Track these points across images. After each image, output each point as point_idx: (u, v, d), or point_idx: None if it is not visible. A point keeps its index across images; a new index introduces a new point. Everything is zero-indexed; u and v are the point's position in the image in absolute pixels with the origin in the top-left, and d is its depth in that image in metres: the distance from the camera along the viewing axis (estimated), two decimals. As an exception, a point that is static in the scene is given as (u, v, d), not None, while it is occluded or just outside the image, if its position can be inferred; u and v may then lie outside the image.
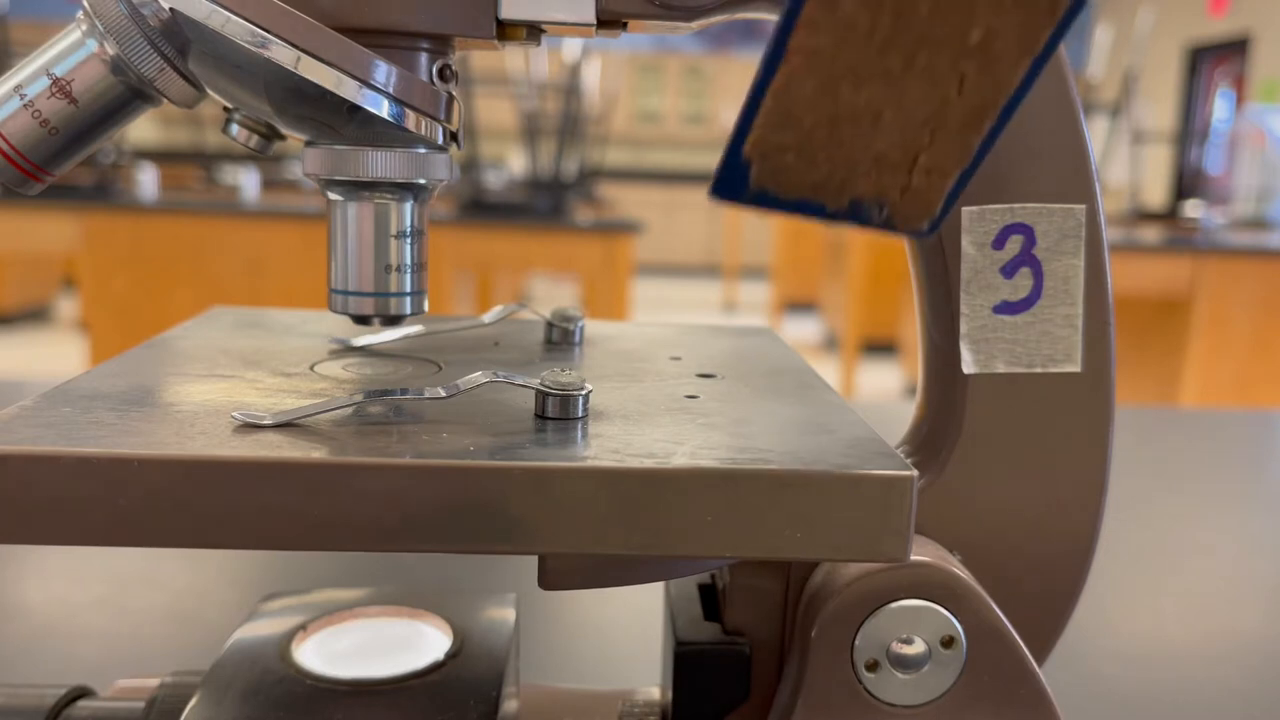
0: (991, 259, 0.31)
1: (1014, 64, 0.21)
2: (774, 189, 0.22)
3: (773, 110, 0.21)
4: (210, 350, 0.34)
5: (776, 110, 0.21)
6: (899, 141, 0.22)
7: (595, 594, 0.55)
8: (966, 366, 0.32)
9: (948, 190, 0.22)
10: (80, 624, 0.52)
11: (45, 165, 0.28)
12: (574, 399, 0.27)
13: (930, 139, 0.22)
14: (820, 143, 0.22)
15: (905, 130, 0.21)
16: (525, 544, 0.24)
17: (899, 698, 0.28)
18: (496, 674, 0.32)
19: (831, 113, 0.21)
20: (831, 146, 0.22)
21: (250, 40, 0.25)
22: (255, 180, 2.67)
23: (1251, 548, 0.71)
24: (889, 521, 0.24)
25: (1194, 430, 1.06)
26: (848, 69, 0.21)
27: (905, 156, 0.22)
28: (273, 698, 0.30)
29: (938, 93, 0.21)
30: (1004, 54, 0.20)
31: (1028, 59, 0.21)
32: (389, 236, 0.30)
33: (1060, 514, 0.32)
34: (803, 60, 0.20)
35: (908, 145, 0.22)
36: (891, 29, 0.20)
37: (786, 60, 0.20)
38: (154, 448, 0.23)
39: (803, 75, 0.21)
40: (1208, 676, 0.51)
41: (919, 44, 0.20)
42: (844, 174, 0.22)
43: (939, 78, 0.21)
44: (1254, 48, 5.46)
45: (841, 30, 0.20)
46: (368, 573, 0.59)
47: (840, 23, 0.20)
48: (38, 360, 3.64)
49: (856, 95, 0.21)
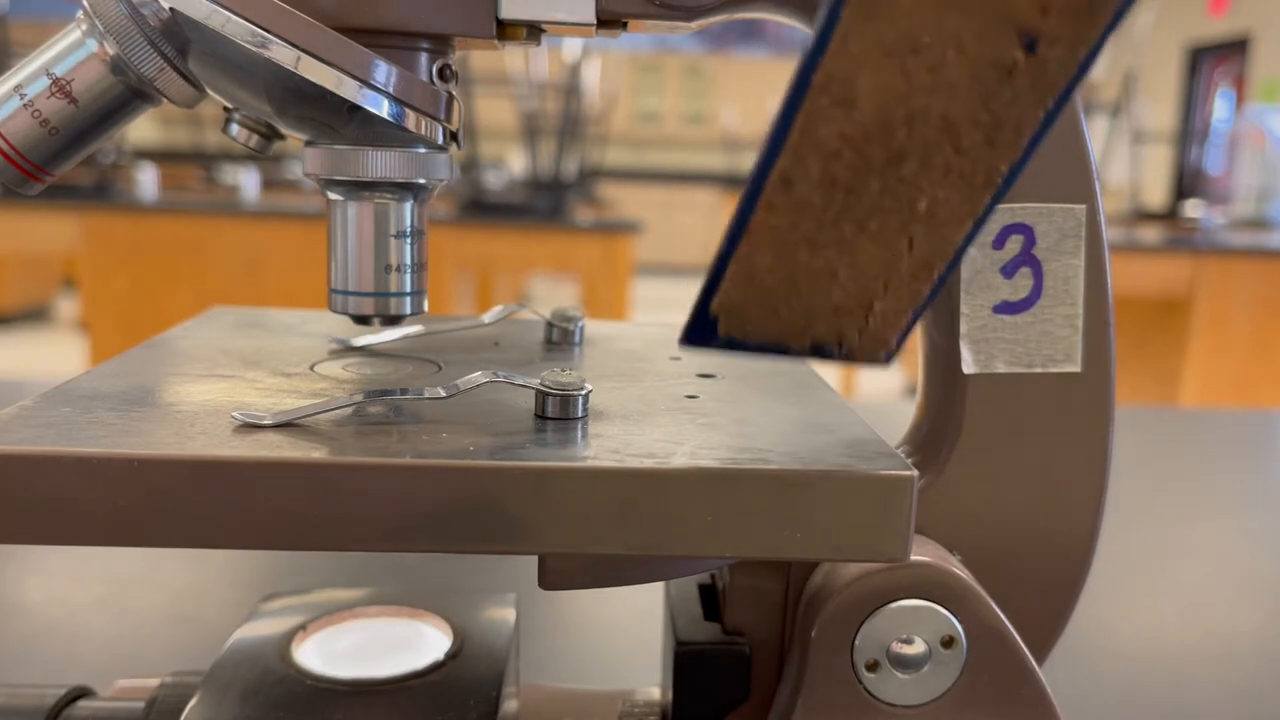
0: (991, 259, 0.31)
1: (959, 225, 0.22)
2: (740, 337, 0.24)
3: (736, 274, 0.23)
4: (210, 350, 0.34)
5: (739, 274, 0.23)
6: (854, 293, 0.23)
7: (595, 594, 0.55)
8: (966, 366, 0.32)
9: (903, 327, 0.24)
10: (80, 624, 0.52)
11: (45, 165, 0.28)
12: (574, 399, 0.27)
13: (884, 289, 0.23)
14: (781, 298, 0.23)
15: (859, 283, 0.23)
16: (525, 544, 0.24)
17: (899, 698, 0.28)
18: (496, 674, 0.32)
19: (790, 274, 0.23)
20: (791, 300, 0.23)
21: (250, 40, 0.25)
22: (255, 180, 2.67)
23: (1251, 548, 0.71)
24: (889, 521, 0.24)
25: (1194, 430, 1.06)
26: (804, 239, 0.22)
27: (861, 304, 0.24)
28: (273, 698, 0.30)
29: (889, 252, 0.23)
30: (949, 218, 0.22)
31: (970, 221, 0.22)
32: (389, 236, 0.30)
33: (1060, 514, 0.32)
34: (763, 235, 0.22)
35: (862, 295, 0.23)
36: (844, 204, 0.22)
37: (748, 235, 0.22)
38: (154, 448, 0.23)
39: (762, 247, 0.22)
40: (1208, 676, 0.51)
41: (869, 214, 0.22)
42: (804, 321, 0.24)
43: (889, 240, 0.22)
44: (1254, 48, 5.46)
45: (798, 209, 0.22)
46: (368, 573, 0.59)
47: (796, 203, 0.22)
48: (38, 360, 3.64)
49: (813, 259, 0.23)
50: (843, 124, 0.21)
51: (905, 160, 0.21)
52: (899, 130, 0.21)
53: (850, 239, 0.22)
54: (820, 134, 0.21)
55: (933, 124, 0.21)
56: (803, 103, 0.20)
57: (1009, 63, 0.20)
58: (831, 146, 0.21)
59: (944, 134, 0.21)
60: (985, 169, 0.21)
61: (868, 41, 0.20)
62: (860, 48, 0.20)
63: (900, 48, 0.20)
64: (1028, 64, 0.20)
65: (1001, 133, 0.21)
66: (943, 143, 0.21)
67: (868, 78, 0.20)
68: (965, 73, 0.20)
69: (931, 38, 0.20)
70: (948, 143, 0.21)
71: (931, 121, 0.21)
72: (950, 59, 0.20)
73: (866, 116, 0.21)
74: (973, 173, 0.21)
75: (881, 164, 0.21)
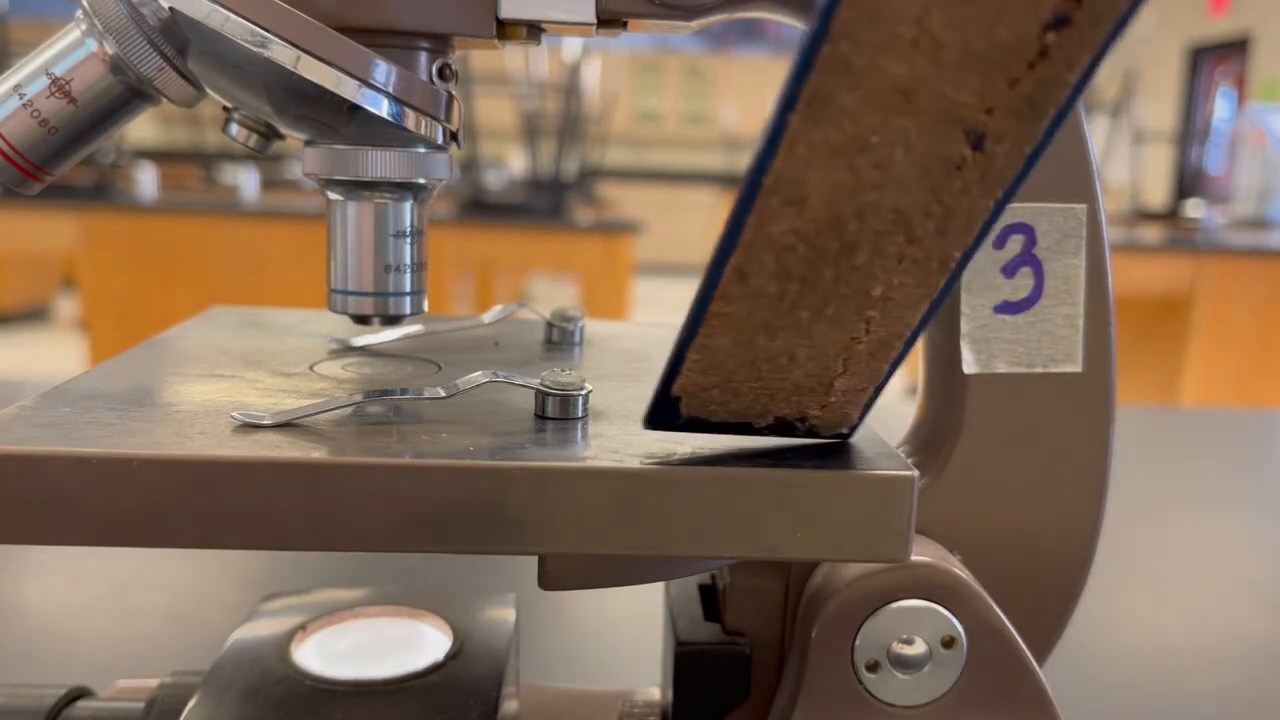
0: (992, 259, 0.31)
1: (915, 307, 0.23)
2: (704, 416, 0.25)
3: (696, 360, 0.23)
4: (210, 350, 0.34)
5: (700, 359, 0.23)
6: (814, 372, 0.24)
7: (595, 594, 0.55)
8: (967, 366, 0.31)
9: (864, 403, 0.25)
10: (80, 624, 0.52)
11: (44, 165, 0.28)
12: (574, 399, 0.27)
13: (843, 368, 0.24)
14: (741, 379, 0.24)
15: (819, 364, 0.23)
16: (525, 544, 0.24)
17: (899, 698, 0.28)
18: (496, 674, 0.32)
19: (750, 357, 0.23)
20: (752, 381, 0.24)
21: (250, 40, 0.25)
22: (255, 180, 2.67)
23: (1251, 548, 0.71)
24: (889, 521, 0.24)
25: (1194, 430, 1.06)
26: (761, 325, 0.22)
27: (821, 384, 0.24)
28: (273, 698, 0.30)
29: (846, 335, 0.23)
30: (906, 301, 0.22)
31: (926, 303, 0.22)
32: (389, 236, 0.30)
33: (1060, 514, 0.32)
34: (720, 323, 0.22)
35: (823, 375, 0.24)
36: (799, 293, 0.22)
37: (706, 323, 0.22)
38: (154, 448, 0.23)
39: (720, 333, 0.23)
40: (1208, 676, 0.51)
41: (825, 300, 0.22)
42: (766, 401, 0.24)
43: (847, 324, 0.23)
44: (1254, 47, 5.46)
45: (753, 298, 0.22)
46: (368, 573, 0.59)
47: (752, 292, 0.22)
48: (38, 360, 3.64)
49: (771, 343, 0.23)
50: (794, 220, 0.21)
51: (858, 251, 0.21)
52: (850, 223, 0.21)
53: (808, 324, 0.22)
54: (772, 230, 0.21)
55: (884, 216, 0.21)
56: (754, 205, 0.20)
57: (957, 158, 0.20)
58: (784, 242, 0.21)
59: (896, 225, 0.21)
60: (939, 255, 0.22)
61: (815, 145, 0.20)
62: (808, 150, 0.20)
63: (848, 148, 0.20)
64: (976, 159, 0.20)
65: (953, 222, 0.21)
66: (895, 233, 0.21)
67: (817, 176, 0.20)
68: (914, 168, 0.20)
69: (880, 138, 0.20)
70: (900, 233, 0.21)
71: (883, 214, 0.21)
72: (899, 156, 0.20)
73: (817, 212, 0.21)
74: (927, 259, 0.22)
75: (835, 254, 0.21)
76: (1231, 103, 5.73)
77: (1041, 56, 0.19)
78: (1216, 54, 5.85)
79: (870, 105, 0.19)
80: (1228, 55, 5.75)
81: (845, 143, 0.20)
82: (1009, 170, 0.20)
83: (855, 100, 0.19)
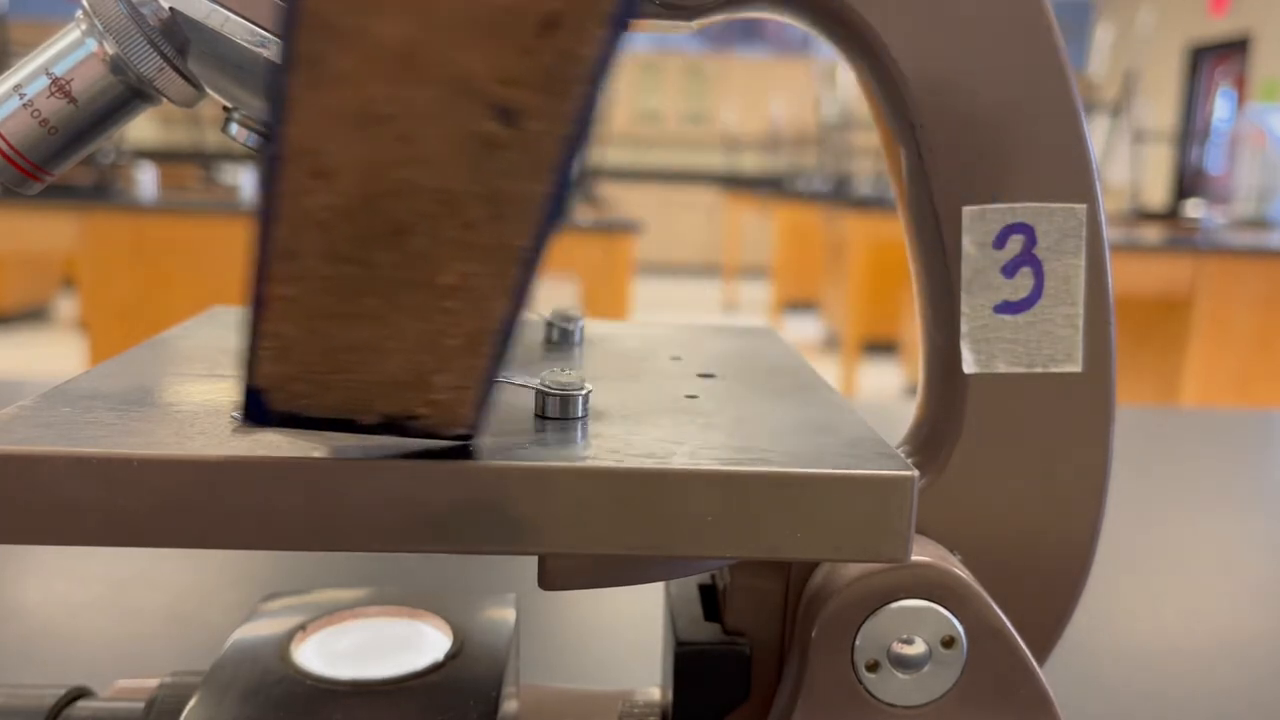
0: (992, 259, 0.31)
1: (497, 299, 0.21)
2: (298, 411, 0.23)
3: (269, 348, 0.22)
4: (210, 350, 0.34)
5: (271, 347, 0.22)
6: (407, 367, 0.22)
7: (595, 594, 0.55)
8: (967, 366, 0.31)
9: (476, 399, 0.23)
10: (80, 624, 0.52)
11: (44, 165, 0.28)
12: (574, 399, 0.27)
13: (437, 364, 0.22)
14: (324, 372, 0.22)
15: (408, 358, 0.22)
16: (525, 544, 0.24)
17: (899, 698, 0.28)
18: (496, 674, 0.32)
19: (326, 347, 0.22)
20: (336, 374, 0.22)
21: (250, 40, 0.25)
22: (255, 180, 2.66)
23: (1251, 548, 0.71)
24: (889, 522, 0.24)
25: (1194, 430, 1.06)
26: (328, 313, 0.21)
27: (418, 379, 0.23)
28: (273, 698, 0.30)
29: (429, 326, 0.22)
30: (486, 292, 0.21)
31: (507, 296, 0.21)
32: (389, 236, 0.30)
33: (1060, 514, 0.32)
34: (283, 307, 0.21)
35: (416, 370, 0.22)
36: (362, 278, 0.21)
37: (266, 309, 0.21)
38: (153, 448, 0.23)
39: (283, 319, 0.21)
40: (1209, 676, 0.51)
41: (392, 288, 0.21)
42: (363, 396, 0.23)
43: (425, 314, 0.22)
44: (1254, 47, 5.46)
45: (306, 281, 0.21)
46: (368, 573, 0.59)
47: (304, 274, 0.21)
48: (37, 360, 3.64)
49: (347, 333, 0.22)
50: (327, 195, 0.20)
51: (411, 234, 0.20)
52: (388, 201, 0.20)
53: (383, 313, 0.21)
54: (308, 205, 0.20)
55: (426, 196, 0.20)
56: (277, 174, 0.19)
57: (488, 135, 0.19)
58: (322, 218, 0.20)
59: (444, 207, 0.20)
60: (504, 245, 0.21)
61: (322, 112, 0.19)
62: (317, 118, 0.19)
63: (362, 119, 0.19)
64: (513, 137, 0.19)
65: (509, 208, 0.20)
66: (446, 216, 0.20)
67: (339, 148, 0.19)
68: (444, 145, 0.19)
69: (393, 109, 0.19)
70: (452, 216, 0.20)
71: (424, 194, 0.20)
72: (421, 131, 0.19)
73: (350, 188, 0.20)
74: (493, 248, 0.21)
75: (384, 237, 0.20)
76: (1231, 103, 5.73)
77: (551, 25, 0.18)
78: (1216, 54, 5.85)
79: (371, 71, 0.18)
80: (1228, 55, 5.75)
81: (357, 112, 0.19)
82: (551, 153, 0.20)
83: (352, 64, 0.18)
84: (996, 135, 0.31)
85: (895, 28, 0.30)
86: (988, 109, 0.31)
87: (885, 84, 0.31)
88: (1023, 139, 0.31)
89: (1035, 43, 0.30)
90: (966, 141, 0.31)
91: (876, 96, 0.32)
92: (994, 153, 0.31)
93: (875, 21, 0.30)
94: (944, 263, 0.31)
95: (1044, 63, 0.31)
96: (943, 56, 0.30)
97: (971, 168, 0.31)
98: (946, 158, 0.31)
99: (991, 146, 0.31)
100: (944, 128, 0.31)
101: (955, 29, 0.30)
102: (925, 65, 0.30)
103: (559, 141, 0.19)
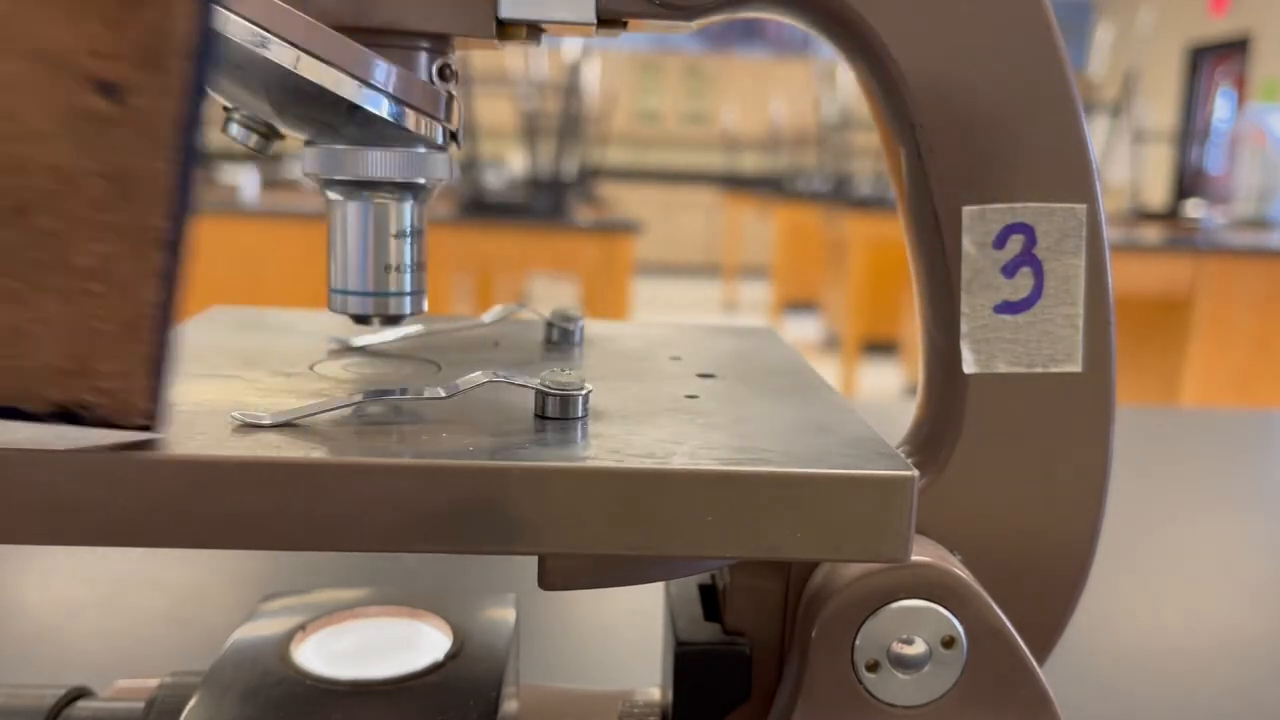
0: (992, 259, 0.31)
1: (144, 283, 0.21)
2: None
3: None
4: (210, 350, 0.34)
5: None
6: (65, 354, 0.22)
7: (595, 594, 0.55)
8: (967, 366, 0.31)
9: (146, 390, 0.23)
10: (80, 624, 0.52)
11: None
12: (574, 399, 0.27)
13: (93, 350, 0.22)
14: None
15: (64, 345, 0.22)
16: (525, 544, 0.24)
17: (899, 698, 0.28)
18: (496, 674, 0.32)
19: None
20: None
21: (250, 40, 0.25)
22: (255, 180, 2.67)
23: (1251, 548, 0.71)
24: (889, 522, 0.24)
25: (1194, 430, 1.06)
26: None
27: (80, 366, 0.22)
28: (272, 698, 0.30)
29: (77, 310, 0.21)
30: (130, 276, 0.21)
31: (154, 280, 0.21)
32: (388, 236, 0.30)
33: (1060, 514, 0.32)
34: None
35: (76, 358, 0.22)
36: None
37: None
38: (153, 448, 0.23)
39: None
40: (1209, 676, 0.51)
41: (32, 269, 0.21)
42: (26, 383, 0.22)
43: (70, 298, 0.21)
44: (1254, 47, 5.46)
45: None
46: (368, 573, 0.59)
47: None
48: (38, 360, 3.63)
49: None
50: None
51: (35, 212, 0.20)
52: (2, 179, 0.20)
53: (25, 295, 0.21)
54: None
55: (41, 173, 0.20)
56: None
57: (94, 110, 0.19)
58: None
59: (63, 184, 0.20)
60: (137, 224, 0.20)
61: None
62: None
63: None
64: (122, 114, 0.19)
65: (133, 186, 0.20)
66: (66, 194, 0.20)
67: None
68: (46, 119, 0.19)
69: None
70: (74, 195, 0.20)
71: (38, 170, 0.20)
72: (20, 105, 0.19)
73: None
74: (128, 228, 0.20)
75: (7, 214, 0.20)
76: (1231, 103, 5.73)
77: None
78: (1216, 54, 5.85)
79: None
80: (1228, 55, 5.75)
81: None
82: (164, 130, 0.19)
83: None
84: (996, 135, 0.31)
85: (895, 28, 0.30)
86: (988, 109, 0.31)
87: (885, 84, 0.31)
88: (1023, 139, 0.31)
89: (1035, 43, 0.30)
90: (966, 141, 0.31)
91: (876, 96, 0.32)
92: (994, 152, 0.31)
93: (875, 21, 0.30)
94: (944, 263, 0.31)
95: (1044, 63, 0.30)
96: (942, 56, 0.30)
97: (971, 168, 0.31)
98: (946, 158, 0.31)
99: (991, 146, 0.31)
100: (944, 128, 0.31)
101: (955, 29, 0.30)
102: (925, 65, 0.30)
103: (171, 119, 0.19)
